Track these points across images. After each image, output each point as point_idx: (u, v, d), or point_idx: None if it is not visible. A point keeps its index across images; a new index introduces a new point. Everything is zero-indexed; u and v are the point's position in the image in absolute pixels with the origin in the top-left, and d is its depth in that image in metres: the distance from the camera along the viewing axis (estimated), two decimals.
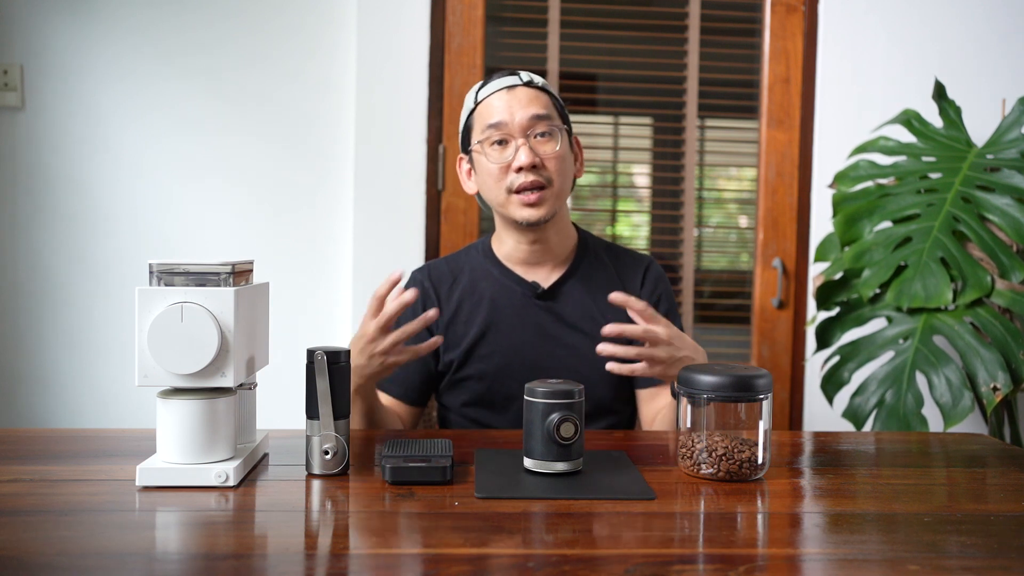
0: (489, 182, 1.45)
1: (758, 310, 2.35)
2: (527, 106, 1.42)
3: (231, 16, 2.27)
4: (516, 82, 1.45)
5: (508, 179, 1.42)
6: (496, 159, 1.43)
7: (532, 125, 1.42)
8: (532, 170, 1.41)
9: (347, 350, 1.05)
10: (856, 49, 2.27)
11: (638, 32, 2.37)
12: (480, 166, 1.46)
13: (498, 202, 1.45)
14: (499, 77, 1.46)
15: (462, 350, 1.48)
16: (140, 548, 0.80)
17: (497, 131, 1.42)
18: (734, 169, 2.46)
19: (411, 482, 1.00)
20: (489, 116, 1.43)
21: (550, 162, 1.43)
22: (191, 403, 0.99)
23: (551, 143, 1.43)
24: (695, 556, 0.82)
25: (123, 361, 2.27)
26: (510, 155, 1.42)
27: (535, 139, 1.42)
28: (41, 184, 2.26)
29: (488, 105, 1.45)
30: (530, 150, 1.40)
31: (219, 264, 0.99)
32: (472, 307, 1.50)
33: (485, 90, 1.46)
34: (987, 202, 1.85)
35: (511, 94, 1.43)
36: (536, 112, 1.42)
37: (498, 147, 1.43)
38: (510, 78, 1.45)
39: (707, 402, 1.03)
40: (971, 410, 1.71)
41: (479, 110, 1.46)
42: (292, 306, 2.28)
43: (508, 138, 1.42)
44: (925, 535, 0.87)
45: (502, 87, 1.44)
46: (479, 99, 1.47)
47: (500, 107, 1.43)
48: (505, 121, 1.42)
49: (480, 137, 1.44)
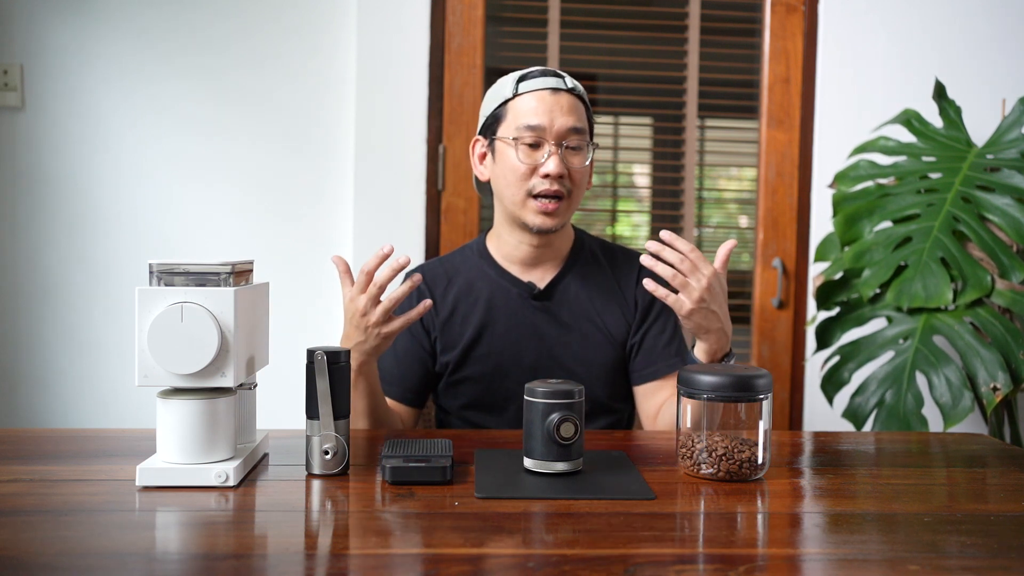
0: (510, 178, 1.43)
1: (758, 310, 2.35)
2: (568, 115, 1.41)
3: (231, 16, 2.27)
4: (561, 86, 1.43)
5: (531, 182, 1.42)
6: (526, 160, 1.42)
7: (567, 136, 1.41)
8: (558, 179, 1.41)
9: (347, 350, 1.05)
10: (856, 49, 2.28)
11: (638, 32, 2.37)
12: (504, 159, 1.44)
13: (513, 201, 1.44)
14: (543, 76, 1.44)
15: (459, 351, 1.48)
16: (140, 548, 0.80)
17: (533, 133, 1.41)
18: (734, 169, 2.46)
19: (411, 482, 1.00)
20: (528, 116, 1.41)
21: (575, 174, 1.43)
22: (191, 403, 0.99)
23: (580, 156, 1.43)
24: (695, 556, 0.82)
25: (123, 361, 2.27)
26: (540, 159, 1.41)
27: (567, 149, 1.42)
28: (41, 184, 2.26)
29: (528, 102, 1.42)
30: (560, 160, 1.40)
31: (219, 264, 0.99)
32: (468, 308, 1.50)
33: (528, 84, 1.43)
34: (987, 202, 1.85)
35: (555, 98, 1.41)
36: (574, 125, 1.41)
37: (529, 148, 1.42)
38: (555, 79, 1.43)
39: (707, 402, 1.03)
40: (971, 410, 1.71)
41: (517, 103, 1.43)
42: (292, 306, 2.28)
43: (541, 141, 1.41)
44: (925, 535, 0.87)
45: (547, 87, 1.42)
46: (520, 91, 1.43)
47: (541, 109, 1.41)
48: (544, 126, 1.40)
49: (514, 133, 1.42)
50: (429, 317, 1.51)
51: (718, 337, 1.30)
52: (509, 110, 1.44)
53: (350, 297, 1.28)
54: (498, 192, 1.48)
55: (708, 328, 1.29)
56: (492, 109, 1.47)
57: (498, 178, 1.46)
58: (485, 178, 1.51)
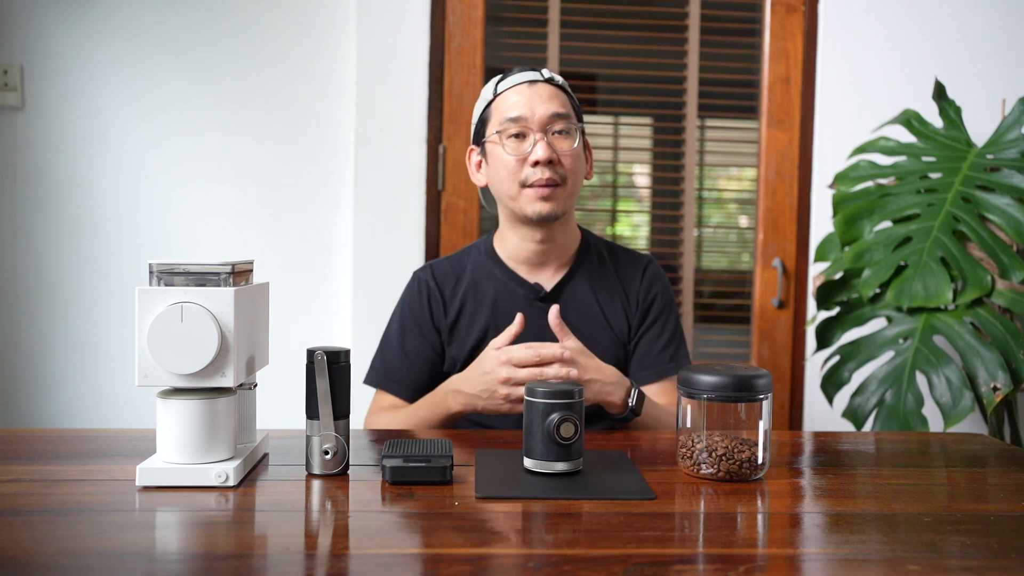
0: (503, 174, 1.44)
1: (758, 310, 2.35)
2: (547, 102, 1.43)
3: (231, 16, 2.27)
4: (538, 78, 1.45)
5: (523, 173, 1.42)
6: (513, 151, 1.43)
7: (551, 122, 1.42)
8: (548, 166, 1.41)
9: (347, 350, 1.05)
10: (856, 49, 2.27)
11: (638, 32, 2.37)
12: (494, 157, 1.46)
13: (510, 195, 1.45)
14: (520, 71, 1.47)
15: (465, 351, 1.48)
16: (140, 548, 0.80)
17: (516, 124, 1.42)
18: (734, 169, 2.46)
19: (411, 482, 1.00)
20: (509, 109, 1.43)
21: (566, 159, 1.43)
22: (191, 403, 0.99)
23: (568, 140, 1.44)
24: (695, 556, 0.82)
25: (123, 361, 2.27)
26: (527, 148, 1.42)
27: (553, 135, 1.43)
28: (41, 184, 2.26)
29: (508, 98, 1.45)
30: (547, 145, 1.41)
31: (219, 264, 0.99)
32: (475, 308, 1.50)
33: (505, 83, 1.46)
34: (987, 202, 1.85)
35: (532, 89, 1.44)
36: (556, 110, 1.43)
37: (515, 140, 1.43)
38: (531, 73, 1.46)
39: (707, 402, 1.03)
40: (971, 410, 1.71)
41: (498, 102, 1.46)
42: (292, 306, 2.28)
43: (526, 132, 1.43)
44: (925, 535, 0.87)
45: (523, 81, 1.45)
46: (499, 91, 1.47)
47: (520, 101, 1.43)
48: (525, 116, 1.42)
49: (498, 128, 1.44)
50: (439, 316, 1.51)
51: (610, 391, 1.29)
52: (492, 111, 1.47)
53: (501, 359, 1.27)
54: (496, 192, 1.48)
55: (595, 397, 1.28)
56: (478, 116, 1.50)
57: (493, 178, 1.47)
58: (483, 184, 1.52)
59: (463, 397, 1.32)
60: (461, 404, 1.33)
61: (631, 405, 1.30)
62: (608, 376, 1.29)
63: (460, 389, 1.32)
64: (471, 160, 1.54)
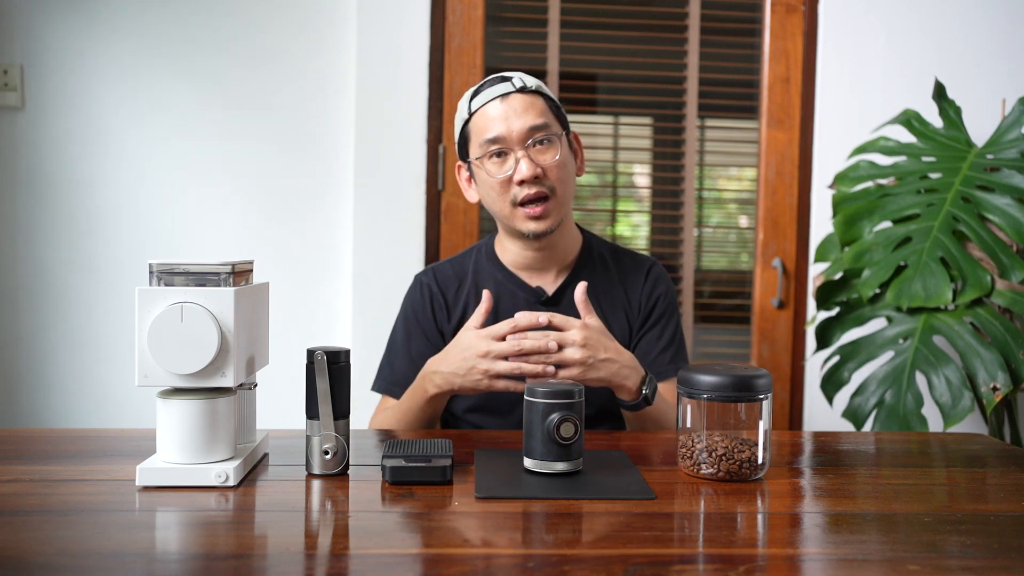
0: (492, 195, 1.43)
1: (758, 310, 2.35)
2: (523, 115, 1.40)
3: (231, 17, 2.27)
4: (509, 89, 1.41)
5: (511, 192, 1.41)
6: (496, 172, 1.41)
7: (530, 135, 1.40)
8: (535, 181, 1.39)
9: (347, 350, 1.05)
10: (856, 49, 2.27)
11: (638, 32, 2.37)
12: (481, 179, 1.45)
13: (503, 215, 1.44)
14: (491, 85, 1.43)
15: None
16: (140, 548, 0.80)
17: (495, 145, 1.40)
18: (734, 169, 2.46)
19: (411, 482, 1.00)
20: (486, 130, 1.41)
21: (551, 171, 1.41)
22: (191, 403, 0.99)
23: (551, 151, 1.42)
24: (695, 556, 0.82)
25: (123, 361, 2.27)
26: (510, 168, 1.40)
27: (534, 148, 1.40)
28: (41, 184, 2.26)
29: (483, 116, 1.42)
30: (531, 161, 1.39)
31: (219, 264, 0.99)
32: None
33: (478, 99, 1.43)
34: (987, 202, 1.85)
35: (506, 103, 1.41)
36: (533, 122, 1.40)
37: (497, 160, 1.41)
38: (502, 85, 1.42)
39: (707, 402, 1.03)
40: (971, 410, 1.71)
41: (475, 121, 1.44)
42: (292, 306, 2.28)
43: (507, 150, 1.41)
44: (925, 535, 0.87)
45: (495, 96, 1.41)
46: (473, 109, 1.44)
47: (496, 119, 1.40)
48: (502, 135, 1.40)
49: (479, 152, 1.43)
50: (442, 319, 1.51)
51: (627, 374, 1.28)
52: (471, 130, 1.45)
53: (479, 334, 1.27)
54: (489, 210, 1.48)
55: (610, 378, 1.27)
56: (458, 133, 1.48)
57: (484, 197, 1.47)
58: (475, 200, 1.51)
59: (439, 378, 1.30)
60: (437, 386, 1.31)
61: (644, 392, 1.30)
62: (625, 360, 1.29)
63: (437, 369, 1.31)
64: (461, 176, 1.53)
